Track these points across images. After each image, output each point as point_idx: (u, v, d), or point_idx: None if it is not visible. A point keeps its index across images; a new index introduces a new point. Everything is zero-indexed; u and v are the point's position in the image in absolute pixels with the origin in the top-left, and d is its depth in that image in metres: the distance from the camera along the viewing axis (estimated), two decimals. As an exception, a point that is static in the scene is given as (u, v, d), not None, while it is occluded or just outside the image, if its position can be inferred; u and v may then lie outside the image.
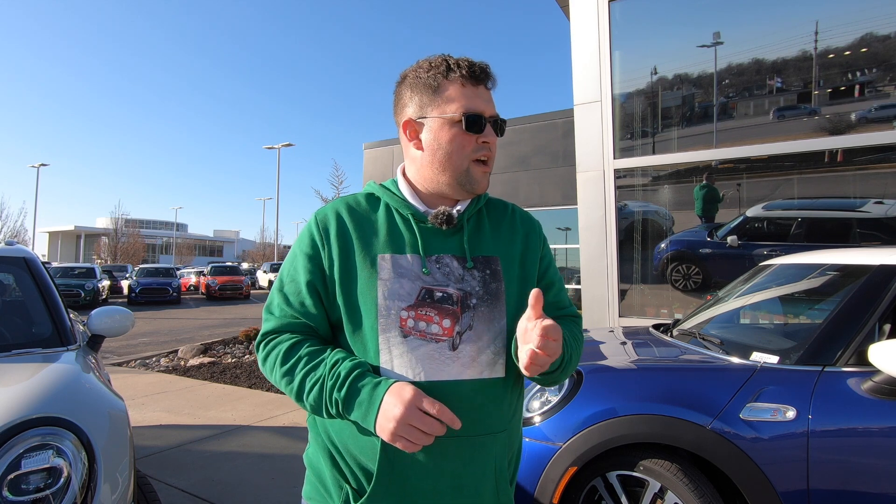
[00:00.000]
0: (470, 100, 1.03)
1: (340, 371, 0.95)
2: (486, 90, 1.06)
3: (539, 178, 12.55)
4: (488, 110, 1.05)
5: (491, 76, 1.07)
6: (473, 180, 1.06)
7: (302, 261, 1.05)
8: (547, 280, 1.16)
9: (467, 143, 1.03)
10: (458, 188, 1.07)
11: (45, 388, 1.79)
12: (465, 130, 1.02)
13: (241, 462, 3.57)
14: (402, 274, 1.01)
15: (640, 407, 2.05)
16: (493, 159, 1.09)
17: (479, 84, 1.05)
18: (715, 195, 5.18)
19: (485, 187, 1.09)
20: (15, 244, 2.85)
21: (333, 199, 1.14)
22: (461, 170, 1.05)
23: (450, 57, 1.07)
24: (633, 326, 3.79)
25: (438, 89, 1.04)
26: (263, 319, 1.09)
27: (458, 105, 1.02)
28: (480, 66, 1.05)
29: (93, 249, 48.45)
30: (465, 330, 1.00)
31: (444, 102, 1.04)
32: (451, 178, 1.06)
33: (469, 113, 1.02)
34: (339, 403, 0.94)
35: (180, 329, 11.90)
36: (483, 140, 1.04)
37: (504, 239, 1.12)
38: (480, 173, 1.06)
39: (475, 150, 1.04)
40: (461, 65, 1.04)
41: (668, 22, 5.50)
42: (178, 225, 66.04)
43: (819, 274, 2.64)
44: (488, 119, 1.04)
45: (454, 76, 1.04)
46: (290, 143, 32.61)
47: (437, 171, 1.07)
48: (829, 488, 1.83)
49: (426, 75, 1.05)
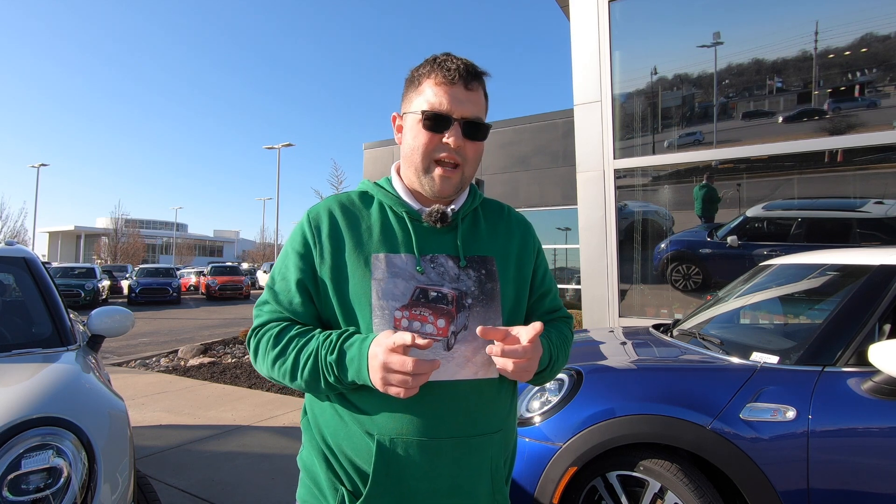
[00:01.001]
0: (438, 97, 1.00)
1: (332, 337, 0.95)
2: (464, 91, 1.01)
3: (539, 178, 12.55)
4: (459, 111, 1.00)
5: (473, 77, 1.02)
6: (433, 181, 1.03)
7: (293, 259, 1.05)
8: (544, 289, 1.17)
9: (429, 142, 1.01)
10: (422, 188, 1.05)
11: (45, 388, 1.79)
12: (424, 129, 1.01)
13: (241, 462, 3.57)
14: (396, 273, 1.00)
15: (640, 407, 2.05)
16: (467, 163, 1.04)
17: (454, 84, 1.00)
18: (714, 195, 5.18)
19: (446, 191, 1.04)
20: (15, 244, 2.85)
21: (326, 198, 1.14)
22: (422, 168, 1.03)
23: (441, 56, 1.05)
24: (633, 326, 3.79)
25: (419, 86, 1.04)
26: (254, 316, 1.09)
27: (425, 102, 1.01)
28: (460, 66, 1.01)
29: (93, 249, 48.47)
30: (460, 330, 1.00)
31: (417, 98, 1.03)
32: (415, 176, 1.05)
33: (429, 111, 1.00)
34: (333, 367, 0.93)
35: (180, 329, 11.90)
36: (444, 141, 1.00)
37: (500, 239, 1.11)
38: (440, 175, 1.02)
39: (437, 149, 1.02)
40: (442, 63, 1.02)
41: (668, 22, 5.50)
42: (178, 225, 66.03)
43: (819, 274, 2.64)
44: (457, 120, 1.00)
45: (433, 74, 1.02)
46: (290, 143, 32.61)
47: (406, 166, 1.07)
48: (829, 488, 1.83)
49: (416, 73, 1.06)
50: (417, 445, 0.95)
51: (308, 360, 0.96)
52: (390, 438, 0.95)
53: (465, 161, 1.04)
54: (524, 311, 1.12)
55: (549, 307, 1.17)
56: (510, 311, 1.06)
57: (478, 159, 1.07)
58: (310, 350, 0.96)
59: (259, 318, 1.07)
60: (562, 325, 1.17)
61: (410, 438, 0.95)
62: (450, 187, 1.04)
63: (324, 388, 0.97)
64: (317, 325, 1.05)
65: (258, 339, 1.04)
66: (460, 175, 1.04)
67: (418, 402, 0.95)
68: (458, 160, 1.03)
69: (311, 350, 0.96)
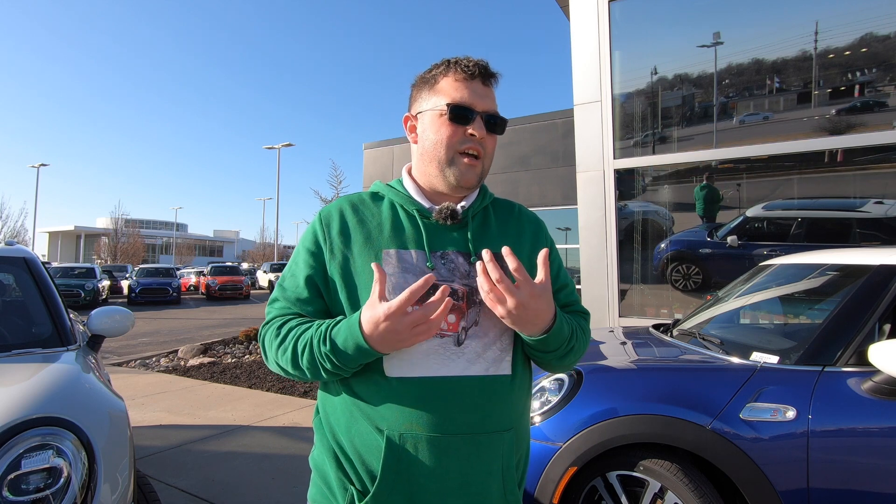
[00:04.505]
0: (459, 92, 1.04)
1: (323, 327, 0.97)
2: (482, 86, 1.06)
3: (539, 178, 12.56)
4: (481, 105, 1.04)
5: (490, 73, 1.07)
6: (458, 171, 1.05)
7: (304, 256, 1.07)
8: (559, 284, 1.16)
9: (453, 134, 1.03)
10: (444, 181, 1.06)
11: (45, 388, 1.79)
12: (449, 121, 1.03)
13: (241, 462, 3.57)
14: (406, 269, 1.01)
15: (640, 407, 2.05)
16: (486, 156, 1.08)
17: (473, 79, 1.05)
18: (715, 195, 5.18)
19: (471, 181, 1.06)
20: (15, 244, 2.85)
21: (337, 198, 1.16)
22: (446, 160, 1.05)
23: (455, 57, 1.08)
24: (633, 326, 3.79)
25: (435, 85, 1.07)
26: (266, 313, 1.11)
27: (447, 97, 1.04)
28: (478, 63, 1.06)
29: (93, 249, 48.44)
30: (471, 326, 1.00)
31: (436, 96, 1.06)
32: (437, 170, 1.06)
33: (455, 104, 1.03)
34: (329, 357, 0.94)
35: (180, 329, 11.89)
36: (470, 132, 1.03)
37: (511, 236, 1.11)
38: (465, 165, 1.05)
39: (461, 141, 1.04)
40: (458, 61, 1.06)
41: (668, 22, 5.50)
42: (178, 225, 66.06)
43: (819, 274, 2.64)
44: (479, 113, 1.04)
45: (450, 72, 1.06)
46: (290, 143, 32.66)
47: (427, 162, 1.08)
48: (829, 488, 1.83)
49: (428, 74, 1.09)
50: (427, 442, 0.95)
51: (305, 348, 0.97)
52: (400, 434, 0.95)
53: (486, 154, 1.07)
54: None
55: (565, 301, 1.16)
56: None
57: (493, 154, 1.10)
58: (306, 339, 0.97)
59: (268, 316, 1.09)
60: (580, 318, 1.16)
61: (420, 434, 0.95)
62: (474, 177, 1.06)
63: (325, 375, 0.98)
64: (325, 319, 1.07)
65: (264, 334, 1.07)
66: (481, 167, 1.07)
67: (428, 397, 0.96)
68: (481, 151, 1.06)
69: (307, 339, 0.97)
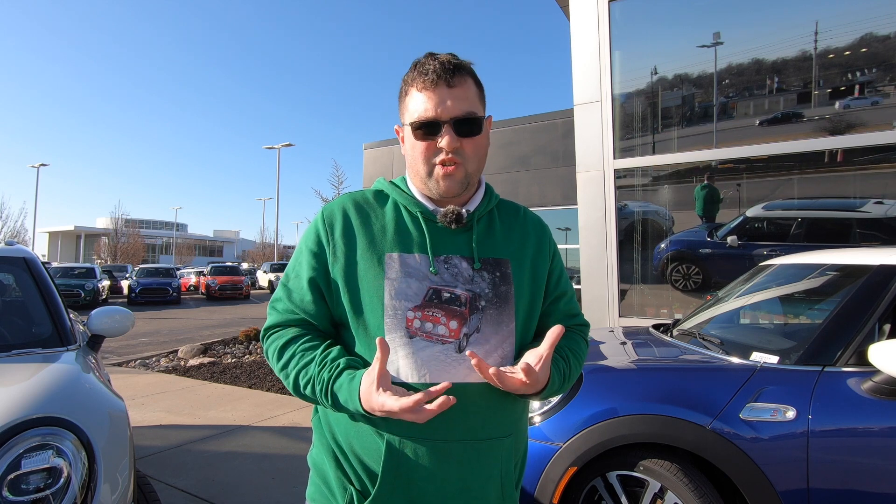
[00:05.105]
0: (423, 104, 0.99)
1: (325, 374, 0.96)
2: (448, 89, 0.99)
3: (539, 178, 12.55)
4: (447, 112, 0.98)
5: (455, 72, 1.00)
6: (437, 183, 1.02)
7: (306, 257, 1.05)
8: (559, 291, 1.14)
9: (425, 149, 1.01)
10: (430, 191, 1.05)
11: (45, 388, 1.79)
12: (416, 140, 1.01)
13: (241, 462, 3.57)
14: (409, 273, 1.00)
15: (640, 407, 2.05)
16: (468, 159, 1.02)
17: (437, 85, 0.99)
18: (715, 195, 5.18)
19: (453, 189, 1.02)
20: (15, 244, 2.85)
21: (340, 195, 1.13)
22: (425, 173, 1.03)
23: (420, 58, 1.03)
24: (633, 326, 3.79)
25: (405, 97, 1.04)
26: (268, 314, 1.10)
27: (411, 113, 1.02)
28: (436, 66, 0.99)
29: (93, 249, 48.43)
30: (473, 332, 0.99)
31: (406, 110, 1.04)
32: (422, 182, 1.05)
33: (418, 122, 1.00)
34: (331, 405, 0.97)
35: (180, 329, 11.89)
36: (439, 146, 1.00)
37: (515, 241, 1.10)
38: (441, 175, 1.01)
39: (435, 153, 1.01)
40: (421, 68, 1.01)
41: (668, 22, 5.50)
42: (178, 225, 66.05)
43: (819, 274, 2.64)
44: (446, 122, 0.99)
45: (416, 81, 1.01)
46: (290, 143, 32.69)
47: (412, 174, 1.07)
48: (829, 488, 1.83)
49: (403, 83, 1.06)
50: (427, 447, 0.95)
51: (307, 385, 0.98)
52: (399, 439, 0.95)
53: (465, 159, 1.02)
54: (538, 314, 1.10)
55: (565, 310, 1.15)
56: (524, 314, 1.05)
57: (480, 154, 1.04)
58: (308, 377, 0.98)
59: (271, 318, 1.08)
60: (577, 336, 1.15)
61: (420, 439, 0.95)
62: (455, 185, 1.02)
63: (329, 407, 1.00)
64: (328, 324, 1.06)
65: (268, 346, 1.07)
66: (463, 172, 1.02)
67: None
68: (458, 160, 1.01)
69: (309, 378, 0.98)
